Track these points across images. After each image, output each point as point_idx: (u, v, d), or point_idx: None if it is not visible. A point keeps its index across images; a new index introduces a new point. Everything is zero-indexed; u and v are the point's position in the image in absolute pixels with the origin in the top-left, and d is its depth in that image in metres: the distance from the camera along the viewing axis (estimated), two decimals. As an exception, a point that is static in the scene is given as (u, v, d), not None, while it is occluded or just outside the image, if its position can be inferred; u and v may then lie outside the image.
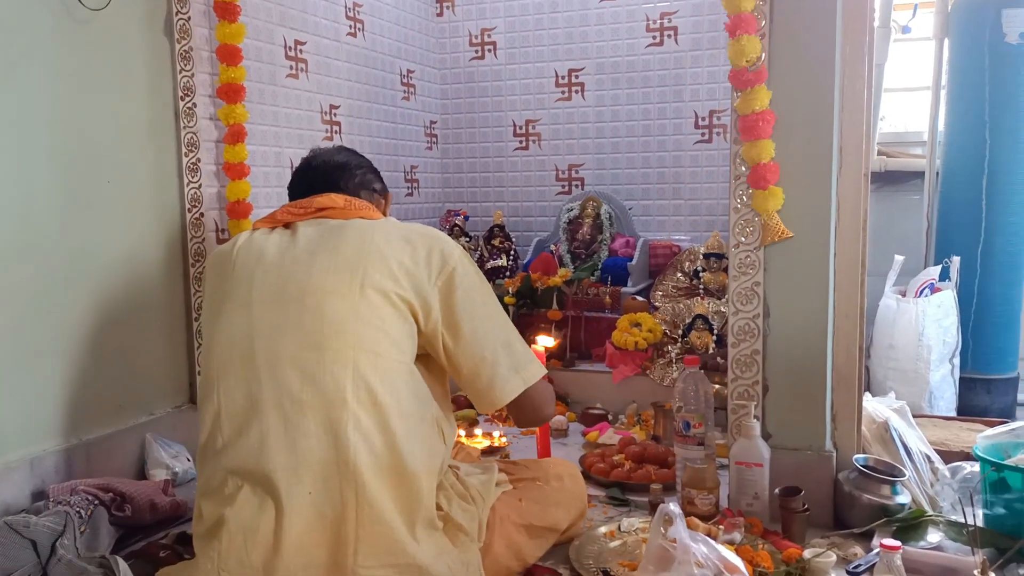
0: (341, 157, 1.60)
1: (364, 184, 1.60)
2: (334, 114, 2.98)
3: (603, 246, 3.22)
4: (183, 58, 2.27)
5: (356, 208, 1.49)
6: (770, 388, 1.89)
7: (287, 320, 1.33)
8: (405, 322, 1.36)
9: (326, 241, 1.40)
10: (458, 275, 1.41)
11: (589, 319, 2.93)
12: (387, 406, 1.31)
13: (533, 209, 3.63)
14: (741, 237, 1.87)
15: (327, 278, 1.35)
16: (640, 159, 3.44)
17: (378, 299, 1.34)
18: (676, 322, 2.76)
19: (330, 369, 1.29)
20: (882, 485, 1.79)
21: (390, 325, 1.34)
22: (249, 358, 1.33)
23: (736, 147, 1.86)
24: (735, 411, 1.90)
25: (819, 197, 1.82)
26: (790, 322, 1.86)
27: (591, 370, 2.80)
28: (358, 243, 1.38)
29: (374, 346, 1.32)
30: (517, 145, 3.64)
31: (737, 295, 1.88)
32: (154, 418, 2.22)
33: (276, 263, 1.39)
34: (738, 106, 1.85)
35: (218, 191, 2.44)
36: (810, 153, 1.82)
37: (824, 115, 1.81)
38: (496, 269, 3.27)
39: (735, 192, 1.87)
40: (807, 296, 1.84)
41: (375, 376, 1.31)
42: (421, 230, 1.46)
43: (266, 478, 1.27)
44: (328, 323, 1.32)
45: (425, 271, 1.39)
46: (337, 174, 1.57)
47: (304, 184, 1.58)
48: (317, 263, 1.36)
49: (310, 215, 1.48)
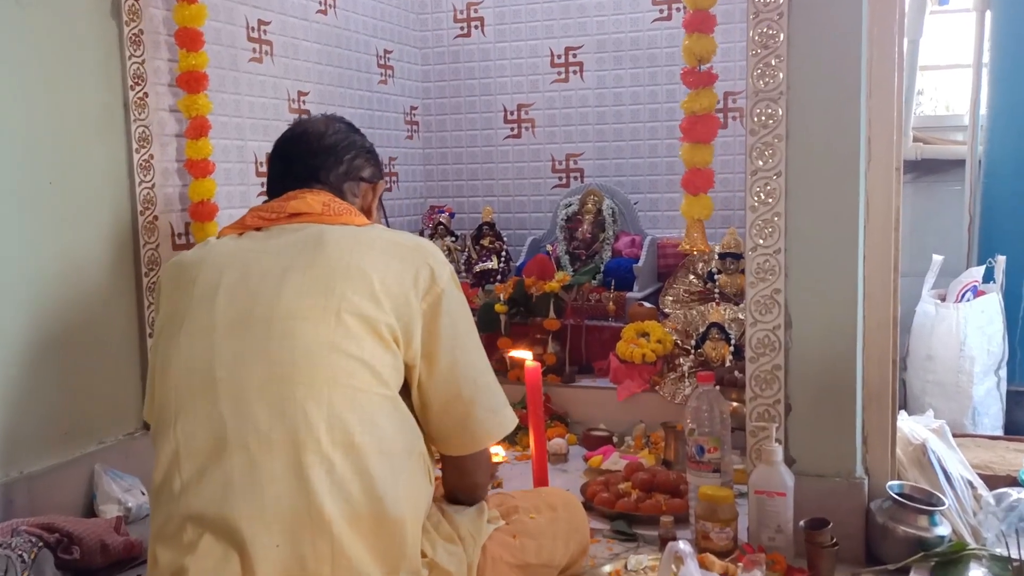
0: (329, 138, 1.56)
1: (351, 173, 1.57)
2: (303, 101, 2.99)
3: (605, 246, 3.23)
4: (133, 43, 2.27)
5: (336, 214, 1.47)
6: (793, 408, 1.89)
7: (253, 347, 1.32)
8: (387, 351, 1.35)
9: (300, 255, 1.39)
10: (446, 299, 1.41)
11: (590, 328, 2.93)
12: (365, 447, 1.30)
13: (527, 205, 3.65)
14: (759, 239, 1.88)
15: (299, 301, 1.34)
16: (646, 147, 3.45)
17: (357, 326, 1.33)
18: (688, 331, 2.77)
19: (302, 406, 1.29)
20: (919, 515, 1.79)
21: (371, 355, 1.33)
22: (211, 389, 1.32)
23: (752, 138, 1.87)
24: (754, 434, 1.91)
25: (845, 193, 1.83)
26: (815, 333, 1.87)
27: (593, 386, 2.81)
28: (336, 259, 1.37)
29: (352, 380, 1.31)
30: (508, 133, 3.65)
31: (755, 304, 1.89)
32: (104, 447, 2.22)
33: (243, 279, 1.38)
34: (683, 105, 1.92)
35: (175, 191, 2.45)
36: (834, 144, 1.83)
37: (849, 101, 1.82)
38: (485, 272, 3.28)
39: (752, 189, 1.87)
40: (833, 304, 1.85)
41: (352, 414, 1.30)
42: (409, 242, 1.45)
43: (230, 527, 1.26)
44: (300, 353, 1.31)
45: (411, 292, 1.38)
46: (320, 161, 1.54)
47: (280, 171, 1.56)
48: (289, 283, 1.35)
49: (283, 221, 1.47)
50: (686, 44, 1.94)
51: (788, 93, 1.84)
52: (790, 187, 1.86)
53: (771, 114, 1.85)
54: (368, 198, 1.61)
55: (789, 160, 1.85)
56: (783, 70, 1.84)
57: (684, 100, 2.10)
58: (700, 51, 1.85)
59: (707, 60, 1.95)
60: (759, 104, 1.86)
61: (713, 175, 2.25)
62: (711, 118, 2.06)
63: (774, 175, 1.86)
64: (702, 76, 1.88)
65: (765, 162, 1.86)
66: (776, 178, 1.86)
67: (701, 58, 1.88)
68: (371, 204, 1.62)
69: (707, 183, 2.14)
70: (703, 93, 2.05)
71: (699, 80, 1.93)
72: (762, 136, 1.86)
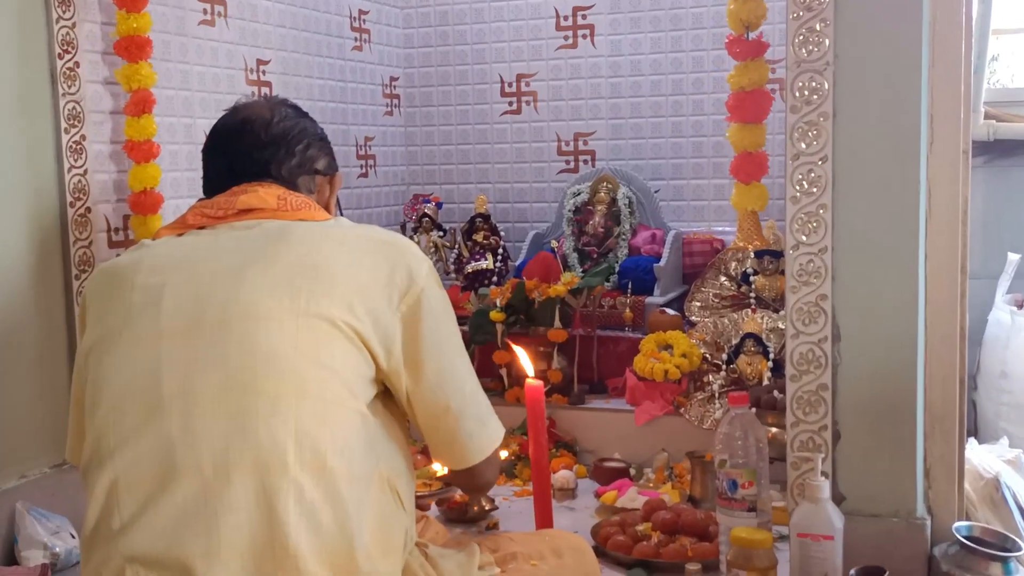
0: (277, 126, 1.58)
1: (305, 165, 1.60)
2: (262, 72, 3.00)
3: (621, 242, 3.24)
4: (61, 3, 2.29)
5: (293, 208, 1.50)
6: (842, 435, 1.91)
7: (208, 354, 1.34)
8: (361, 360, 1.38)
9: (259, 252, 1.41)
10: (426, 299, 1.44)
11: (603, 340, 2.94)
12: (336, 470, 1.32)
13: (527, 193, 3.66)
14: (802, 235, 1.90)
15: (260, 299, 1.35)
16: (669, 125, 3.46)
17: (325, 328, 1.35)
18: (719, 343, 2.78)
19: (266, 421, 1.30)
20: (991, 562, 1.80)
21: (341, 362, 1.36)
22: (156, 406, 1.33)
23: (793, 117, 1.89)
24: (797, 466, 1.92)
25: (903, 181, 1.85)
26: (868, 347, 1.88)
27: (606, 408, 2.81)
28: (302, 256, 1.39)
29: (321, 390, 1.33)
30: (506, 108, 3.66)
31: (797, 312, 1.91)
32: (26, 481, 2.23)
33: (192, 279, 1.39)
34: (730, 79, 1.92)
35: (111, 178, 2.46)
36: (889, 125, 1.85)
37: (908, 72, 1.84)
38: (479, 273, 3.29)
39: (793, 176, 1.89)
40: (889, 312, 1.87)
41: (323, 430, 1.32)
42: (382, 237, 1.48)
43: (181, 566, 1.28)
44: (262, 359, 1.33)
45: (386, 293, 1.41)
46: (269, 154, 1.57)
47: (221, 168, 1.58)
48: (247, 279, 1.37)
49: (232, 218, 1.50)
50: (731, 8, 1.93)
51: (835, 63, 1.86)
52: (838, 174, 1.87)
53: (815, 88, 1.87)
54: (325, 193, 1.64)
55: (837, 142, 1.87)
56: (829, 36, 1.85)
57: (731, 73, 2.09)
58: (748, 15, 1.86)
59: (756, 26, 1.95)
60: (801, 77, 1.88)
61: (767, 159, 2.25)
62: (762, 94, 2.05)
63: (819, 160, 1.88)
64: (751, 45, 1.88)
65: (808, 145, 1.88)
66: (821, 164, 1.87)
67: (749, 24, 1.89)
68: (328, 200, 1.65)
69: (760, 168, 2.15)
70: (752, 65, 2.04)
71: (747, 50, 1.92)
72: (805, 114, 1.88)
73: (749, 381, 2.63)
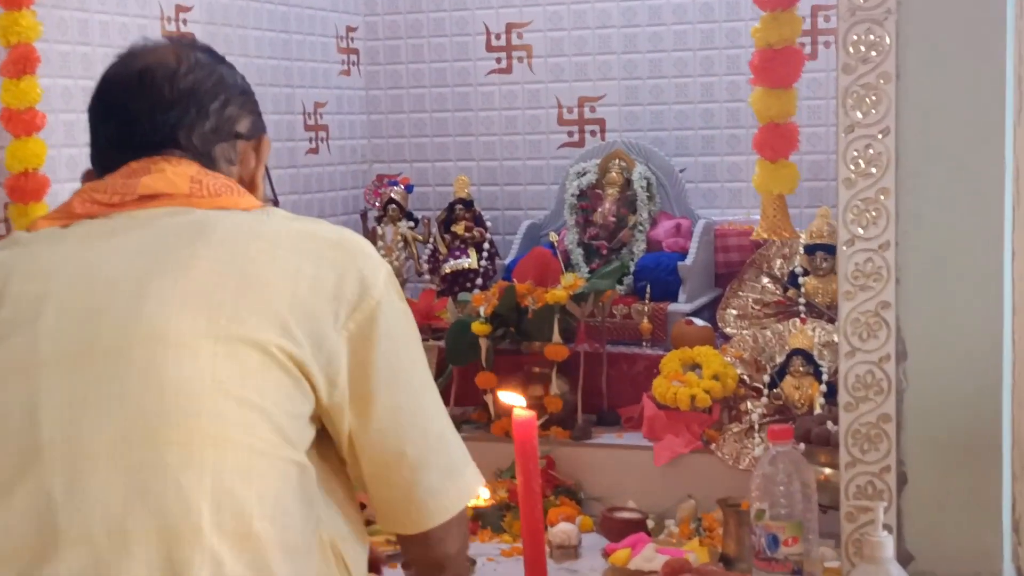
0: (185, 78, 1.52)
1: (223, 129, 1.55)
2: (183, 21, 2.99)
3: (637, 235, 3.23)
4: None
5: (211, 194, 1.46)
6: (909, 478, 1.90)
7: (100, 390, 1.31)
8: (297, 393, 1.36)
9: (169, 253, 1.38)
10: (383, 316, 1.41)
11: (615, 358, 2.93)
12: (266, 538, 1.30)
13: (520, 173, 3.66)
14: (857, 227, 1.89)
15: (169, 318, 1.33)
16: (698, 87, 3.46)
17: (253, 356, 1.33)
18: (760, 362, 2.77)
19: (175, 478, 1.28)
20: (1096, 637, 1.80)
21: (273, 400, 1.34)
22: (32, 458, 1.31)
23: (846, 79, 1.88)
24: (853, 517, 1.92)
25: (983, 160, 1.85)
26: (941, 367, 1.88)
27: (617, 444, 2.80)
28: (223, 259, 1.37)
29: (248, 437, 1.31)
30: (493, 66, 3.66)
31: (853, 324, 1.90)
32: None
33: (81, 291, 1.37)
34: (755, 33, 1.91)
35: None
36: (966, 86, 1.84)
37: (990, 22, 1.83)
38: (459, 274, 3.28)
39: (846, 153, 1.89)
40: (968, 324, 1.86)
41: (248, 488, 1.30)
42: (328, 235, 1.45)
43: None
44: (171, 397, 1.30)
45: (331, 308, 1.38)
46: (175, 116, 1.51)
47: (114, 135, 1.53)
48: (152, 292, 1.34)
49: (132, 206, 1.46)
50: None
51: (899, 11, 1.85)
52: (902, 150, 1.87)
53: (874, 43, 1.86)
54: (250, 163, 1.59)
55: (900, 110, 1.86)
56: (891, -23, 1.85)
57: (755, 27, 2.08)
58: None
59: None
60: (856, 28, 1.87)
61: (797, 132, 2.25)
62: (793, 52, 2.04)
63: (878, 133, 1.86)
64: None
65: (865, 114, 1.87)
66: (881, 137, 1.86)
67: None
68: (254, 172, 1.60)
69: (789, 143, 2.14)
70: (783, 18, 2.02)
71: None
72: (861, 75, 1.87)
73: (797, 409, 2.62)
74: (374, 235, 3.41)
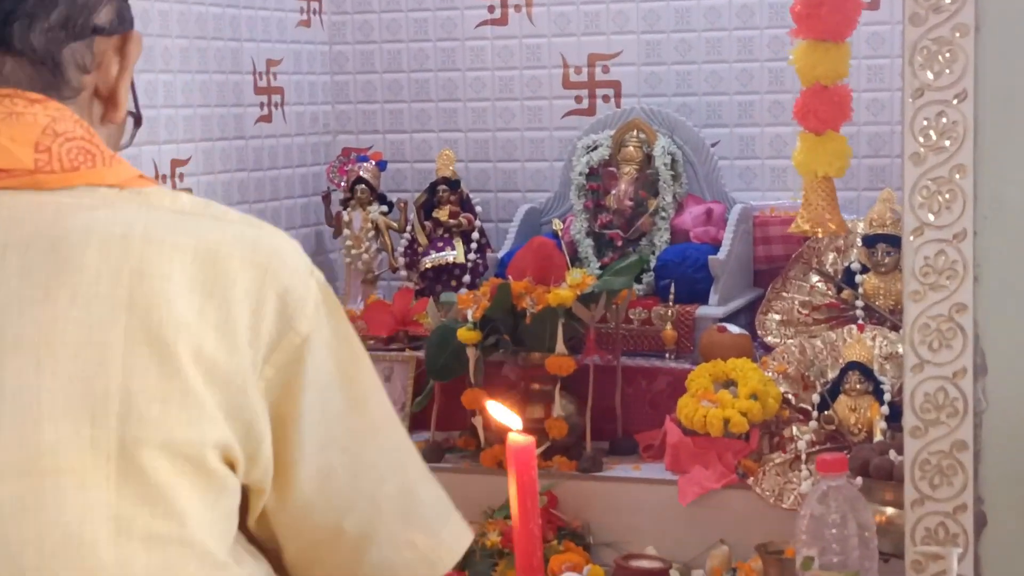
0: None
1: (73, 23, 1.27)
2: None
3: (659, 222, 3.25)
4: None
5: (66, 169, 1.21)
6: (989, 519, 1.91)
7: None
8: (224, 492, 1.22)
9: (17, 306, 1.14)
10: (311, 355, 1.24)
11: (631, 373, 2.96)
12: None
13: (517, 147, 3.67)
14: (927, 214, 1.89)
15: (41, 432, 1.13)
16: (734, 43, 3.46)
17: (168, 469, 1.15)
18: (808, 378, 2.77)
19: None
20: None
21: (199, 522, 1.15)
22: None
23: (914, 31, 1.88)
24: (920, 567, 1.91)
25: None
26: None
27: (634, 478, 2.82)
28: (100, 311, 1.14)
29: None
30: (485, 17, 3.66)
31: (921, 331, 1.90)
32: None
33: None
34: None
35: None
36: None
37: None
38: (442, 270, 3.31)
39: (914, 123, 1.88)
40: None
41: None
42: (232, 249, 1.22)
43: None
44: (55, 549, 1.13)
45: (247, 359, 1.20)
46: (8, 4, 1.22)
47: None
48: (6, 388, 1.13)
49: None
50: None
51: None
52: (982, 120, 1.86)
53: (948, -13, 1.86)
54: (111, 70, 1.33)
55: (981, 71, 1.85)
56: (969, -94, 1.84)
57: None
58: None
59: None
60: (926, -31, 1.86)
61: (850, 97, 2.23)
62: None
63: (953, 98, 1.86)
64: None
65: (937, 75, 1.87)
66: (957, 103, 1.86)
67: None
68: (116, 83, 1.34)
69: (839, 111, 2.12)
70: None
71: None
72: (932, 27, 1.86)
73: (853, 436, 2.63)
74: (339, 221, 3.43)
